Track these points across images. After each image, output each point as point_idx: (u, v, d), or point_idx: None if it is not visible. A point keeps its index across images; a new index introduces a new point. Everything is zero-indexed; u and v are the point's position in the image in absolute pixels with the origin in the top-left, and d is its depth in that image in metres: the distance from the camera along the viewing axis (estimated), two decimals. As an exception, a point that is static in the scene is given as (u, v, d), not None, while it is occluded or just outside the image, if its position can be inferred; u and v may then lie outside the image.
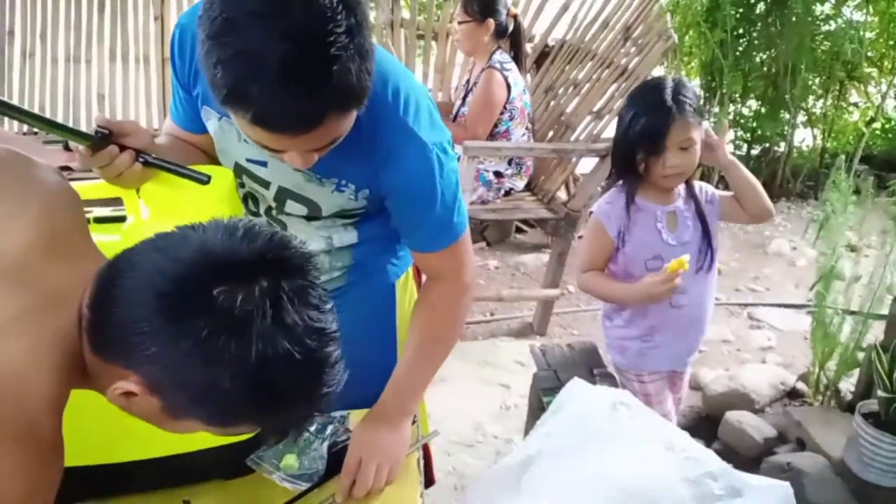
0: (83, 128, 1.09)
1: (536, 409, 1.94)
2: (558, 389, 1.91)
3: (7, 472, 0.67)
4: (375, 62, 1.12)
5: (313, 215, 1.25)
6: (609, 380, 1.93)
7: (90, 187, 1.12)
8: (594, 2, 3.65)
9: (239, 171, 1.24)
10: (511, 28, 3.22)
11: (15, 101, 3.83)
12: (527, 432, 2.08)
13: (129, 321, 0.72)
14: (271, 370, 0.71)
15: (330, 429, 1.26)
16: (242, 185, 1.27)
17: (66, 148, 1.06)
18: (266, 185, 1.23)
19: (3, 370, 0.69)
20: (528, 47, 3.76)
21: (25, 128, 3.76)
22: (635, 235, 1.77)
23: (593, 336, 3.21)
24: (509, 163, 3.19)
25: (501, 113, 3.13)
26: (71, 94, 3.86)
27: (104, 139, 1.05)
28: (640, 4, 3.35)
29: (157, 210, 1.14)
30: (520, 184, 3.25)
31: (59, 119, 3.82)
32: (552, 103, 3.54)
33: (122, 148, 1.07)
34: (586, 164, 3.21)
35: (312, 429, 1.25)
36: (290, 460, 1.20)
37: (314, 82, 0.87)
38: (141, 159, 1.08)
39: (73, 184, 0.95)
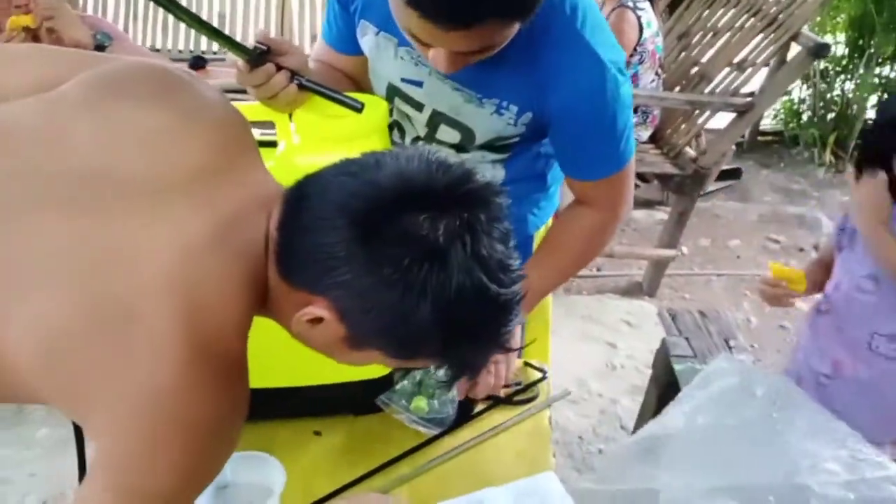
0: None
1: (663, 375, 1.84)
2: (690, 359, 1.82)
3: (205, 396, 0.66)
4: None
5: (464, 144, 1.18)
6: (743, 352, 1.81)
7: (243, 108, 1.07)
8: (742, -57, 3.37)
9: (391, 92, 1.18)
10: None
11: (129, 3, 3.84)
12: (647, 397, 2.00)
13: (323, 244, 0.69)
14: (466, 302, 0.68)
15: None
16: (390, 113, 1.21)
17: (193, 66, 1.03)
18: (420, 107, 1.17)
19: (205, 287, 0.67)
20: (663, -11, 3.53)
21: (149, 43, 3.83)
22: None
23: (707, 302, 3.08)
24: (635, 110, 3.02)
25: (631, 55, 2.95)
26: (195, 12, 3.89)
27: (262, 55, 1.00)
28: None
29: (307, 137, 1.08)
30: (644, 134, 3.08)
31: (182, 38, 3.87)
32: (684, 51, 3.31)
33: (279, 68, 1.01)
34: (719, 119, 3.00)
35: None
36: (421, 403, 1.17)
37: None
38: (296, 81, 1.03)
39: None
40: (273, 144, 1.09)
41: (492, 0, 0.85)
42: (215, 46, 3.86)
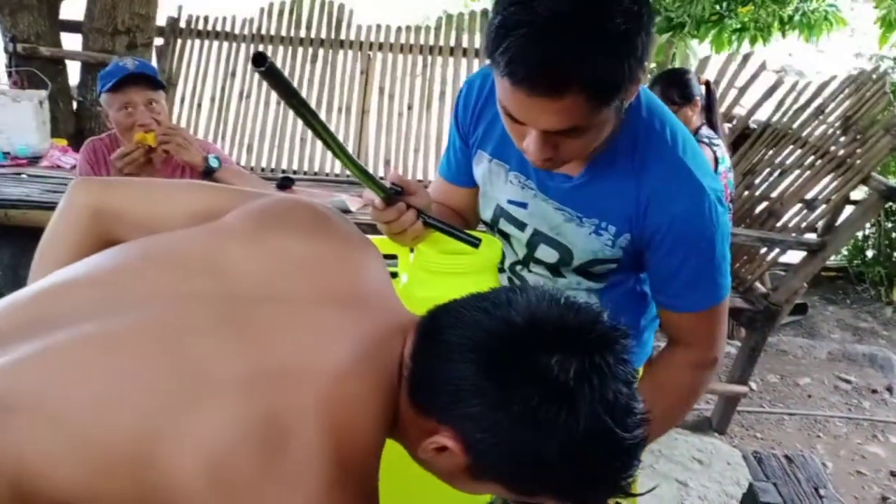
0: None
1: (751, 523, 1.78)
2: (780, 506, 1.75)
3: None
4: (648, 98, 1.10)
5: (561, 264, 1.20)
6: (835, 502, 1.75)
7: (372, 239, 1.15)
8: (807, 86, 3.49)
9: (498, 214, 1.24)
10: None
11: (242, 134, 4.09)
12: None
13: (455, 377, 0.71)
14: (592, 446, 0.70)
15: None
16: (495, 232, 1.27)
17: (281, 186, 1.08)
18: (522, 227, 1.21)
19: (352, 406, 0.70)
20: (727, 127, 3.63)
21: (235, 161, 4.07)
22: None
23: (778, 442, 2.98)
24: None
25: (710, 191, 2.99)
26: (277, 134, 4.14)
27: (397, 194, 1.07)
28: (862, 94, 3.16)
29: (426, 270, 1.15)
30: (713, 269, 3.09)
31: (265, 157, 4.10)
32: (748, 189, 3.37)
33: (408, 206, 1.09)
34: (791, 255, 3.01)
35: None
36: None
37: (570, 37, 0.85)
38: (422, 219, 1.10)
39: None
40: (394, 276, 1.16)
41: (579, 64, 0.87)
42: (295, 165, 4.09)
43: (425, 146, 4.12)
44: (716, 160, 2.97)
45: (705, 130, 3.04)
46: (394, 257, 1.23)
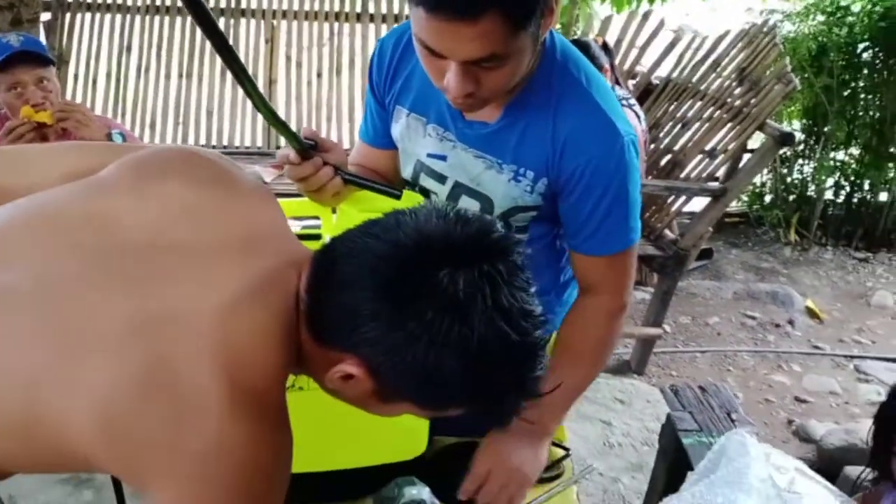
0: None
1: (671, 449, 1.88)
2: (697, 432, 1.86)
3: (251, 447, 0.67)
4: (562, 43, 1.11)
5: (484, 213, 1.22)
6: (746, 425, 1.87)
7: (292, 203, 1.14)
8: (703, 41, 3.63)
9: (418, 169, 1.25)
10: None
11: (143, 110, 3.93)
12: (655, 471, 2.03)
13: (350, 305, 0.72)
14: (490, 352, 0.71)
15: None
16: (416, 189, 1.28)
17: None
18: (443, 179, 1.23)
19: (242, 342, 0.70)
20: (630, 84, 3.75)
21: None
22: None
23: (692, 378, 3.15)
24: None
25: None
26: (182, 109, 4.01)
27: (311, 148, 1.07)
28: (754, 47, 3.32)
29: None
30: (625, 219, 3.20)
31: (169, 132, 3.97)
32: (654, 143, 3.51)
33: (324, 164, 1.09)
34: (696, 203, 3.16)
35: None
36: None
37: None
38: (339, 174, 1.10)
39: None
40: (318, 238, 1.16)
41: None
42: (203, 140, 3.97)
43: (337, 114, 4.07)
44: (638, 118, 3.06)
45: (619, 91, 3.11)
46: (317, 219, 1.23)
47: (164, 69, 4.04)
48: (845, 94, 4.58)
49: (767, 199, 4.90)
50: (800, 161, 4.82)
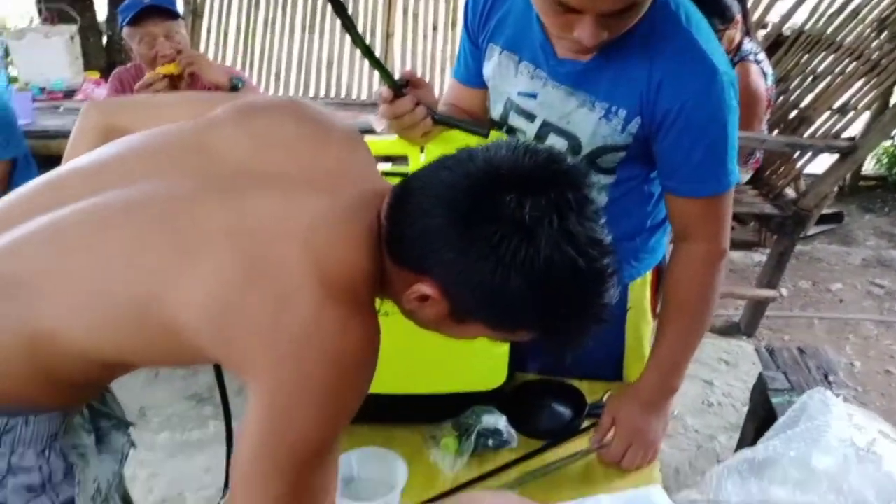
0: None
1: (760, 409, 1.84)
2: (787, 392, 1.81)
3: (341, 328, 0.73)
4: None
5: (571, 155, 1.18)
6: (843, 388, 1.79)
7: (382, 142, 1.20)
8: (842, -12, 3.36)
9: (508, 108, 1.25)
10: None
11: (269, 62, 4.10)
12: (744, 430, 1.99)
13: (425, 230, 0.77)
14: (556, 275, 0.74)
15: None
16: (504, 128, 1.29)
17: None
18: (531, 118, 1.23)
19: (333, 244, 0.77)
20: (760, 34, 3.54)
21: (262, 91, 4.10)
22: None
23: (808, 343, 3.00)
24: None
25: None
26: (304, 61, 4.16)
27: (405, 86, 1.11)
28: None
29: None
30: (744, 176, 3.07)
31: (292, 84, 4.14)
32: (783, 95, 3.31)
33: (417, 103, 1.12)
34: (821, 165, 2.97)
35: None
36: (450, 442, 1.23)
37: None
38: (431, 115, 1.13)
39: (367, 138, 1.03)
40: (405, 175, 1.21)
41: None
42: (323, 91, 4.12)
43: (452, 66, 4.09)
44: (764, 74, 2.90)
45: (748, 45, 2.94)
46: (405, 159, 1.28)
47: (289, 23, 4.19)
48: None
49: (909, 161, 4.53)
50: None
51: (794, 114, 3.20)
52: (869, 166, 4.67)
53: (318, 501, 0.77)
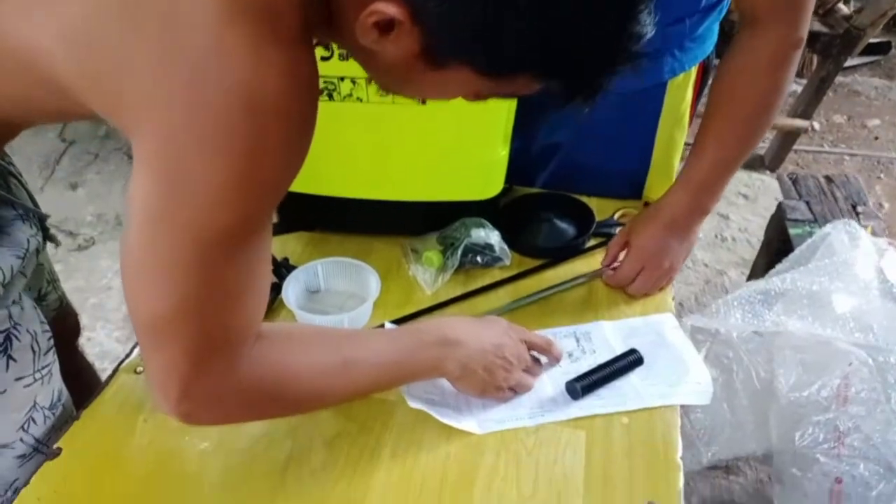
0: None
1: (776, 240, 1.67)
2: (808, 223, 1.64)
3: (253, 55, 0.51)
4: None
5: None
6: (874, 220, 1.61)
7: None
8: None
9: None
10: None
11: None
12: (756, 263, 1.84)
13: None
14: None
15: None
16: None
17: None
18: None
19: None
20: None
21: None
22: None
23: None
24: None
25: None
26: None
27: None
28: None
29: None
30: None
31: None
32: None
33: None
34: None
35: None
36: (433, 256, 1.06)
37: None
38: None
39: None
40: None
41: None
42: None
43: None
44: None
45: None
46: None
47: None
48: None
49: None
50: None
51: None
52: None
53: (240, 307, 0.60)
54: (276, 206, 0.59)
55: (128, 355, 0.93)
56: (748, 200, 2.57)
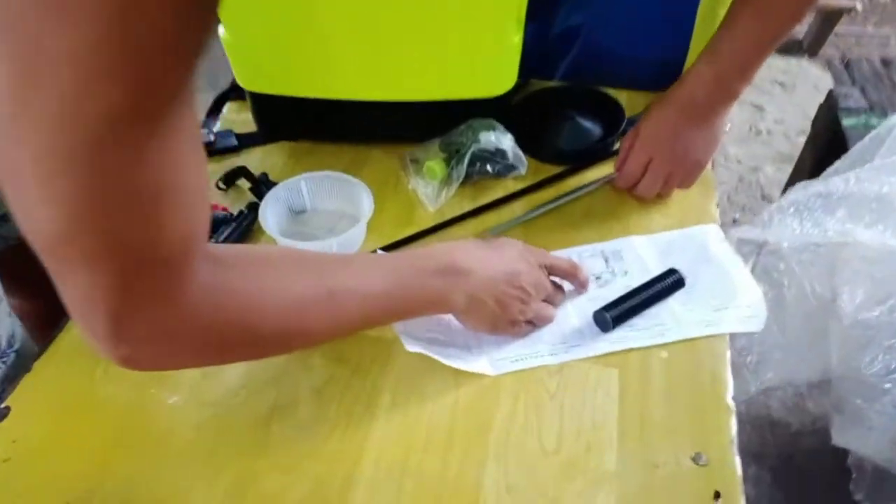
0: None
1: (825, 133, 1.50)
2: (865, 112, 1.47)
3: None
4: None
5: None
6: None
7: None
8: None
9: None
10: None
11: None
12: (801, 160, 1.67)
13: None
14: None
15: None
16: None
17: None
18: None
19: None
20: None
21: None
22: None
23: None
24: None
25: None
26: None
27: None
28: None
29: None
30: None
31: None
32: None
33: None
34: None
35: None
36: (436, 166, 0.92)
37: None
38: None
39: None
40: None
41: None
42: None
43: None
44: None
45: None
46: None
47: None
48: None
49: None
50: None
51: None
52: None
53: (165, 213, 0.43)
54: (187, 71, 0.42)
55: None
56: (785, 89, 2.36)
